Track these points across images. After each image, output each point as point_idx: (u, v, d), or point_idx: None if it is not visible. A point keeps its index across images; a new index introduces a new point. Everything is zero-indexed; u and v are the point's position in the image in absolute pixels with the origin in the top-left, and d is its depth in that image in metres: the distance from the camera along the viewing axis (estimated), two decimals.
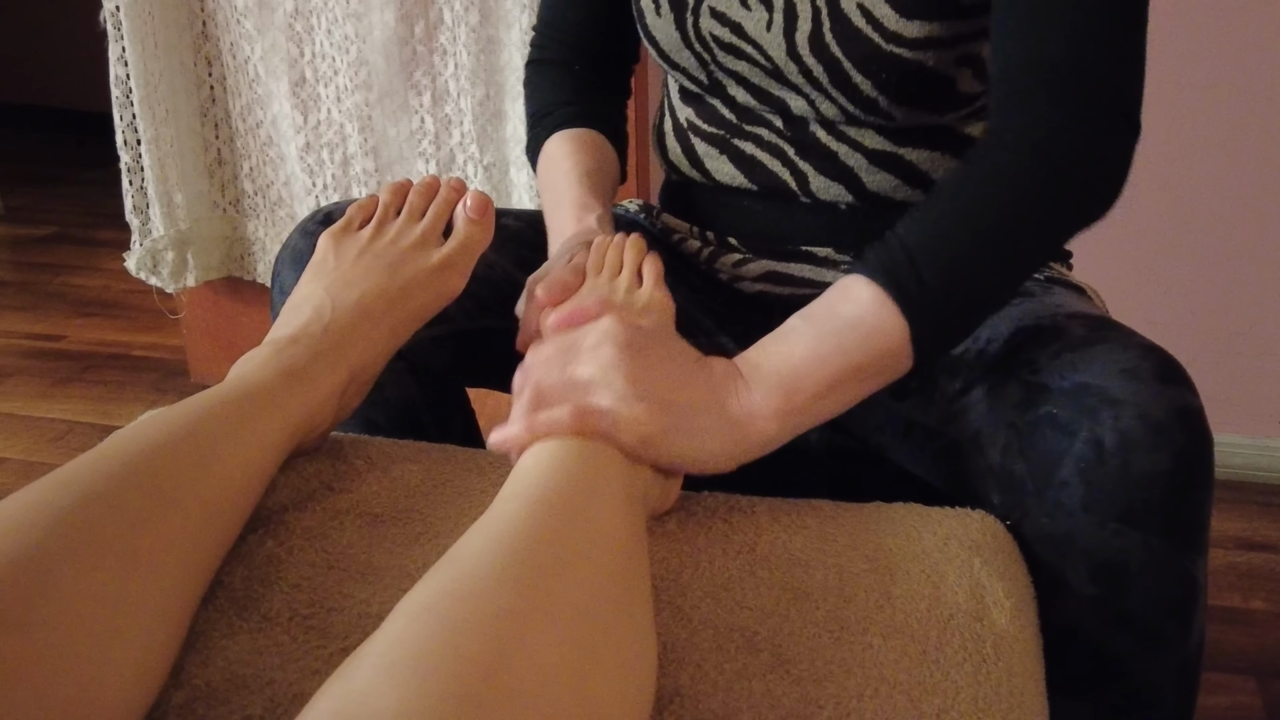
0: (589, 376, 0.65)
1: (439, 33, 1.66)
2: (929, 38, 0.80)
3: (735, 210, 0.95)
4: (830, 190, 0.89)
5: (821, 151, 0.88)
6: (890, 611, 0.61)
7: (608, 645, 0.47)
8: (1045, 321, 0.77)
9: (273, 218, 1.93)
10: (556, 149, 0.95)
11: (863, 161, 0.88)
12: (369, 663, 0.42)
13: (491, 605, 0.45)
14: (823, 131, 0.88)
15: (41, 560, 0.48)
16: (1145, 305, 1.78)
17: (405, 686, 0.40)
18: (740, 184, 0.93)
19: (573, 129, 0.96)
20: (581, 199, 0.88)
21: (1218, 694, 1.38)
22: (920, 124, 0.86)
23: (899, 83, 0.81)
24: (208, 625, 0.59)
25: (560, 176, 0.92)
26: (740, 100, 0.90)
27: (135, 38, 1.74)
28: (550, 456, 0.60)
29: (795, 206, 0.91)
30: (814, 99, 0.86)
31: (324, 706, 0.40)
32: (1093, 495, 0.66)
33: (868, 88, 0.82)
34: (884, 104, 0.83)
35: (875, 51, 0.80)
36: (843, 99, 0.84)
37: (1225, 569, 1.63)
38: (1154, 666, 0.69)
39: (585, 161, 0.93)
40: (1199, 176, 1.72)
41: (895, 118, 0.84)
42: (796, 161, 0.90)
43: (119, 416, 2.08)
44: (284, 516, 0.69)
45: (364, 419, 0.89)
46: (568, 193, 0.90)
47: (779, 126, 0.90)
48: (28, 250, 3.06)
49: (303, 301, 0.76)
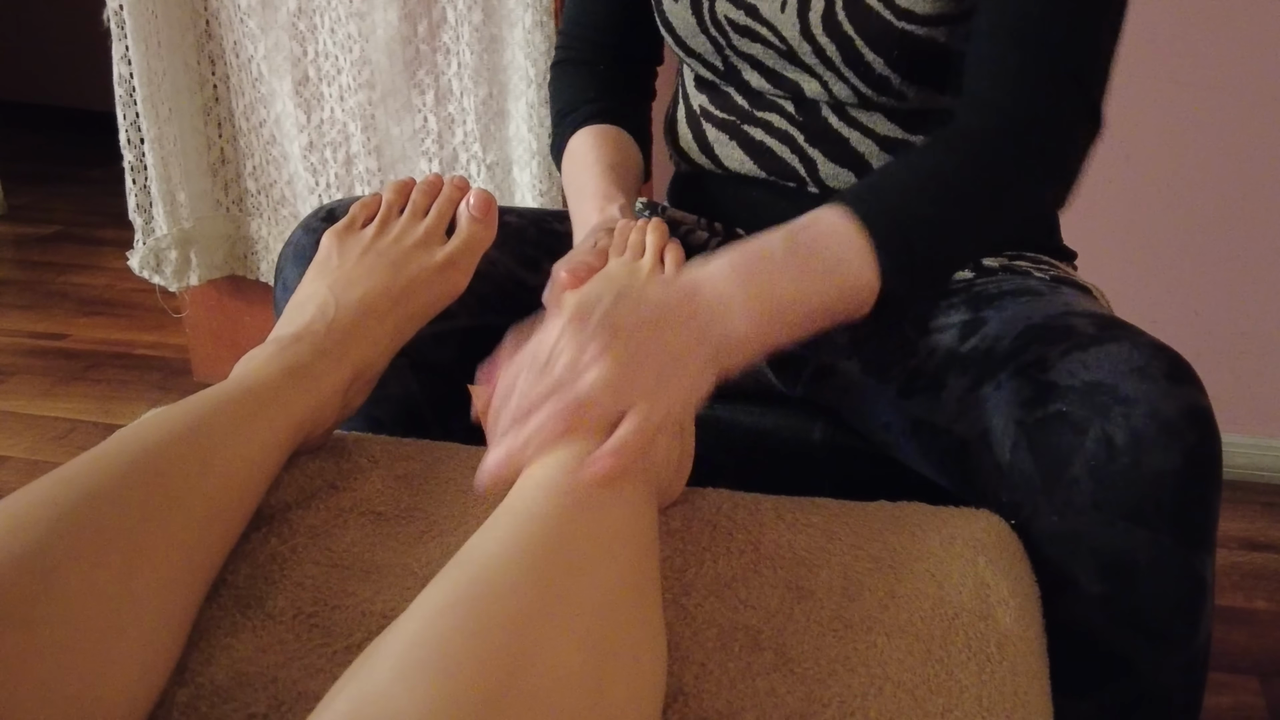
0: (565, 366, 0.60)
1: (442, 31, 1.66)
2: (940, 14, 0.81)
3: (743, 201, 0.95)
4: (839, 177, 0.90)
5: (832, 137, 0.89)
6: (895, 610, 0.61)
7: (624, 647, 0.47)
8: (1054, 320, 0.77)
9: (276, 217, 1.93)
10: (580, 144, 0.96)
11: (873, 148, 0.88)
12: (387, 663, 0.42)
13: (511, 606, 0.45)
14: (834, 117, 0.89)
15: (45, 557, 0.48)
16: (1149, 305, 1.78)
17: (425, 688, 0.40)
18: (749, 171, 0.93)
19: (596, 125, 0.97)
20: (604, 190, 0.89)
21: (1221, 694, 1.38)
22: (930, 107, 0.87)
23: (911, 60, 0.83)
24: (211, 623, 0.59)
25: (583, 170, 0.93)
26: (754, 85, 0.91)
27: (138, 37, 1.74)
28: (567, 449, 0.58)
29: (802, 196, 0.92)
30: (827, 80, 0.86)
31: (342, 707, 0.40)
32: (1103, 493, 0.66)
33: (880, 66, 0.83)
34: (896, 82, 0.84)
35: (888, 29, 0.81)
36: (855, 78, 0.85)
37: (1229, 569, 1.63)
38: (1161, 665, 0.69)
39: (609, 155, 0.94)
40: (1203, 177, 1.71)
41: (907, 96, 0.85)
42: (806, 149, 0.90)
43: (122, 415, 2.08)
44: (287, 514, 0.69)
45: (367, 416, 0.89)
46: (590, 185, 0.90)
47: (790, 112, 0.90)
48: (31, 249, 3.06)
49: (306, 299, 0.76)
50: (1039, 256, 0.95)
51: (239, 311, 2.10)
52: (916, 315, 0.87)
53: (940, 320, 0.85)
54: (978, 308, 0.85)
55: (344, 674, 0.44)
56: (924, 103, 0.86)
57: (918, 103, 0.86)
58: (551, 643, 0.44)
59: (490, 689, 0.40)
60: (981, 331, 0.81)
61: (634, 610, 0.50)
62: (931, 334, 0.85)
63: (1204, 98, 1.67)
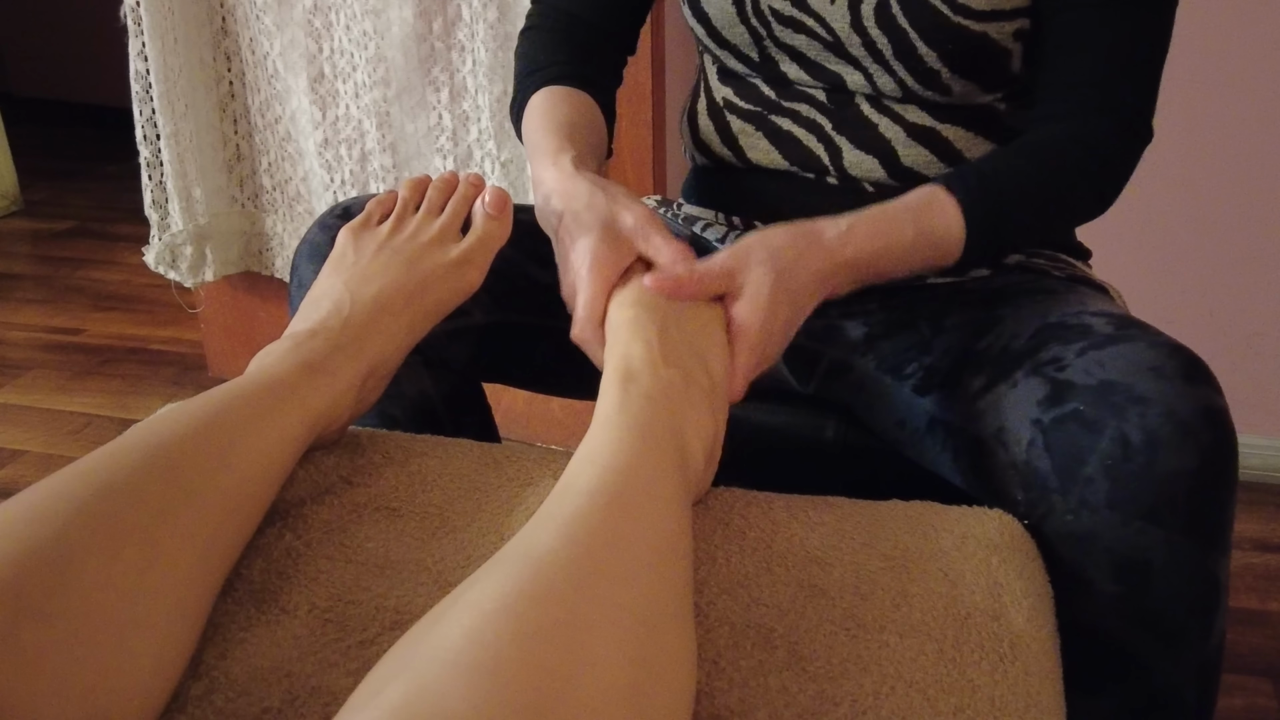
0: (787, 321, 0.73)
1: (457, 29, 1.66)
2: (994, 10, 0.82)
3: (761, 193, 0.95)
4: (862, 165, 0.90)
5: (861, 124, 0.89)
6: (907, 610, 0.61)
7: (663, 662, 0.47)
8: (1070, 319, 0.77)
9: (291, 213, 1.93)
10: (540, 100, 0.92)
11: (901, 134, 0.88)
12: (441, 658, 0.42)
13: (564, 612, 0.45)
14: (867, 105, 0.89)
15: (62, 550, 0.49)
16: (1164, 305, 1.77)
17: (480, 690, 0.40)
18: (770, 162, 0.93)
19: (559, 86, 0.93)
20: (557, 145, 0.84)
21: (1234, 695, 1.38)
22: (968, 102, 0.88)
23: (962, 54, 0.84)
24: (226, 617, 0.59)
25: (539, 127, 0.89)
26: (791, 76, 0.91)
27: (155, 33, 1.74)
28: (615, 449, 0.58)
29: (822, 188, 0.92)
30: (872, 72, 0.87)
31: (395, 698, 0.40)
32: (1118, 492, 0.66)
33: (932, 59, 0.84)
34: (945, 76, 0.85)
35: (943, 22, 0.82)
36: (903, 71, 0.85)
37: (1243, 570, 1.62)
38: (1174, 666, 0.69)
39: (567, 114, 0.89)
40: (1218, 177, 1.71)
41: (953, 90, 0.86)
42: (833, 136, 0.90)
43: (137, 410, 2.09)
44: (302, 510, 0.69)
45: (381, 413, 0.89)
46: (543, 141, 0.86)
47: (821, 101, 0.91)
48: (47, 244, 3.08)
49: (322, 296, 0.76)
50: (1056, 254, 0.95)
51: (254, 307, 2.11)
52: (932, 311, 0.87)
53: (956, 318, 0.85)
54: (994, 306, 0.85)
55: (386, 660, 0.44)
56: (964, 98, 0.87)
57: (959, 97, 0.87)
58: (599, 655, 0.44)
59: (543, 698, 0.40)
60: (997, 330, 0.81)
61: (673, 622, 0.50)
62: (947, 332, 0.84)
63: (1220, 97, 1.66)
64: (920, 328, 0.87)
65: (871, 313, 0.90)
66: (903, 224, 0.78)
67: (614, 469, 0.56)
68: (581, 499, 0.53)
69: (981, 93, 0.87)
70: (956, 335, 0.84)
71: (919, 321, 0.87)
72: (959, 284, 0.90)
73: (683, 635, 0.50)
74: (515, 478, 0.74)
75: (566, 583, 0.47)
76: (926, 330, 0.86)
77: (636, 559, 0.51)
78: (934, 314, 0.87)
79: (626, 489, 0.55)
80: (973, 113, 0.88)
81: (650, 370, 0.65)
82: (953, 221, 0.78)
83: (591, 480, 0.55)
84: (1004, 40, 0.84)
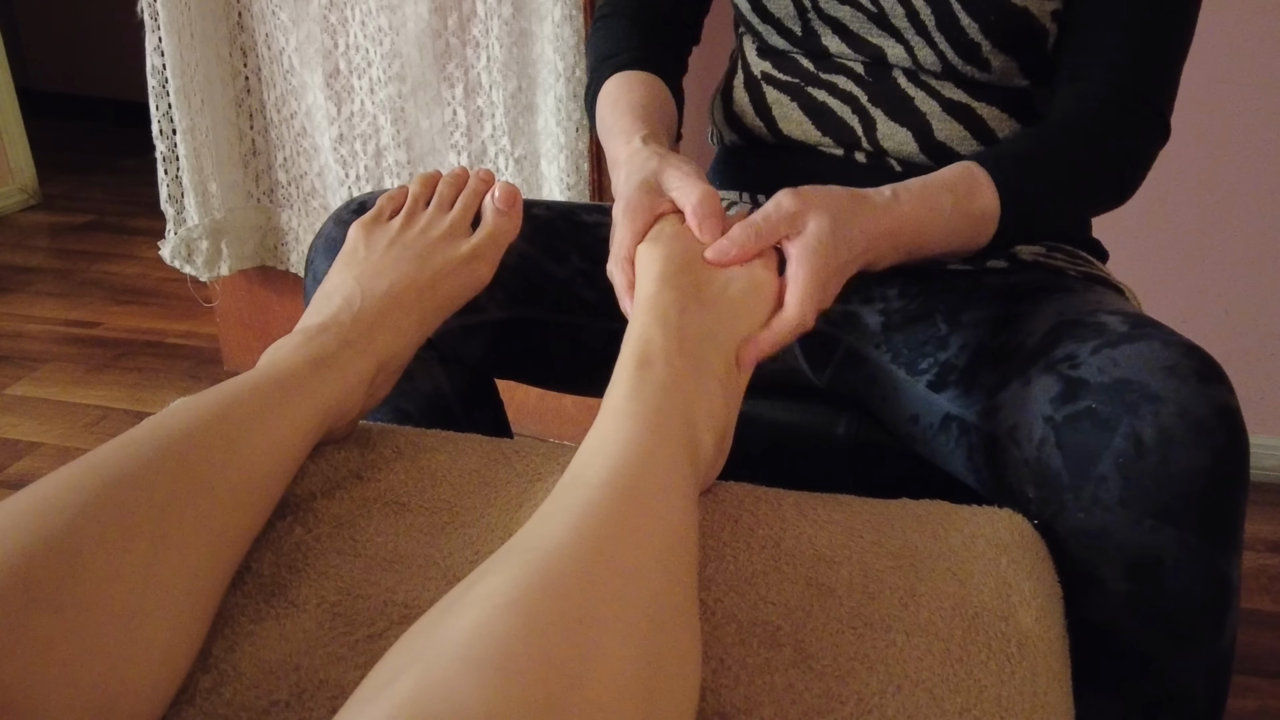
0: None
1: (472, 25, 1.67)
2: None
3: (789, 171, 0.95)
4: (895, 137, 0.90)
5: (897, 97, 0.90)
6: (915, 609, 0.61)
7: (671, 660, 0.47)
8: (1085, 317, 0.76)
9: (306, 208, 1.94)
10: (615, 85, 0.95)
11: (936, 108, 0.89)
12: (451, 651, 0.42)
13: (575, 607, 0.45)
14: (904, 79, 0.90)
15: (72, 542, 0.49)
16: (1179, 305, 1.77)
17: (491, 685, 0.40)
18: (802, 134, 0.94)
19: (633, 71, 0.97)
20: (630, 126, 0.87)
21: (1246, 697, 1.37)
22: (1005, 83, 0.88)
23: (1004, 28, 0.84)
24: (235, 610, 0.59)
25: (613, 108, 0.92)
26: (833, 49, 0.92)
27: (172, 28, 1.75)
28: (626, 439, 0.58)
29: (850, 166, 0.92)
30: (914, 45, 0.88)
31: (405, 691, 0.40)
32: (1130, 490, 0.66)
33: (974, 31, 0.84)
34: (986, 49, 0.85)
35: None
36: (944, 43, 0.86)
37: (1255, 572, 1.61)
38: (1186, 665, 0.69)
39: (642, 96, 0.92)
40: (1234, 177, 1.70)
41: (992, 66, 0.86)
42: (868, 108, 0.91)
43: (153, 403, 2.10)
44: (312, 504, 0.69)
45: (393, 408, 0.90)
46: (618, 122, 0.89)
47: (859, 74, 0.91)
48: (65, 237, 3.10)
49: (333, 290, 0.77)
50: (1075, 251, 0.94)
51: (269, 301, 2.12)
52: (949, 305, 0.87)
53: (973, 314, 0.85)
54: (1010, 303, 0.84)
55: (394, 651, 0.44)
56: (1003, 76, 0.87)
57: (998, 75, 0.87)
58: (610, 651, 0.44)
59: (554, 693, 0.40)
60: (1013, 326, 0.81)
61: (680, 619, 0.50)
62: (964, 328, 0.84)
63: (1236, 97, 1.65)
64: (936, 322, 0.86)
65: (889, 300, 0.90)
66: (943, 197, 0.78)
67: (625, 461, 0.56)
68: (592, 491, 0.53)
69: (1019, 75, 0.87)
70: (972, 332, 0.83)
71: (935, 315, 0.87)
72: (977, 277, 0.90)
73: (689, 631, 0.50)
74: (525, 473, 0.74)
75: (576, 577, 0.47)
76: (943, 325, 0.86)
77: (646, 554, 0.50)
78: (951, 308, 0.87)
79: (638, 483, 0.55)
80: (1008, 94, 0.89)
81: (665, 358, 0.64)
82: (989, 202, 0.78)
83: (602, 472, 0.55)
84: (1043, 18, 0.85)
